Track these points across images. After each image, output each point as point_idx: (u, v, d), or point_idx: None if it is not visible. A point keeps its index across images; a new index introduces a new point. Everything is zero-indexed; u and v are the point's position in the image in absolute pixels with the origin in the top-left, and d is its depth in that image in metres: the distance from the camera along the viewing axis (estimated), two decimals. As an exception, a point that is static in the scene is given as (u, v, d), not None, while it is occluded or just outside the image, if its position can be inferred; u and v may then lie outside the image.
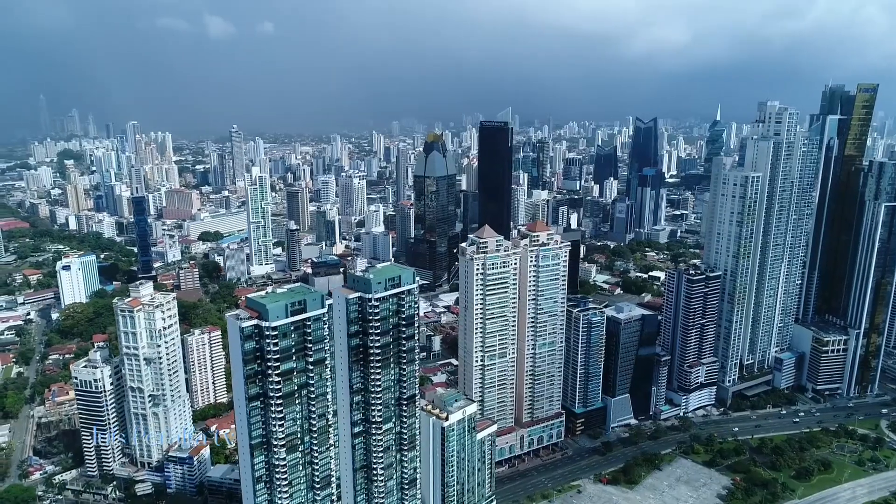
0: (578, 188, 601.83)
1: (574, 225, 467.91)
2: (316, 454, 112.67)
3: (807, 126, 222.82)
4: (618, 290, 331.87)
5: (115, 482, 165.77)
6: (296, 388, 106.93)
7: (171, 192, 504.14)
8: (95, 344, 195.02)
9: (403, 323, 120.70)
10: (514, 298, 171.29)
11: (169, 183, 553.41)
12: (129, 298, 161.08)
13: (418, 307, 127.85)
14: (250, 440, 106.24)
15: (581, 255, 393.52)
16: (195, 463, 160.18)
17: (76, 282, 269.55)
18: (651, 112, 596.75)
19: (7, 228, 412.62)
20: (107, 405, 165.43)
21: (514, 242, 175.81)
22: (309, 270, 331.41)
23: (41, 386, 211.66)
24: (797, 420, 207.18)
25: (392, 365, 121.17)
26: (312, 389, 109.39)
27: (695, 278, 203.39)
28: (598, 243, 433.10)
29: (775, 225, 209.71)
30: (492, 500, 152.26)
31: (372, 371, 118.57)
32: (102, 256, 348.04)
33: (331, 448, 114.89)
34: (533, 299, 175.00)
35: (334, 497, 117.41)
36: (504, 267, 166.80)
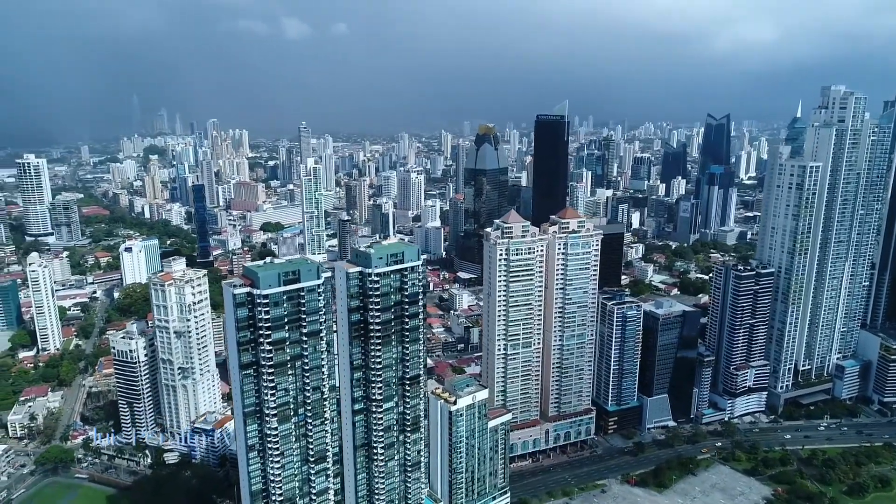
0: (646, 188, 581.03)
1: (636, 224, 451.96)
2: (310, 427, 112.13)
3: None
4: (674, 291, 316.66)
5: (146, 449, 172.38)
6: (289, 358, 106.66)
7: (239, 185, 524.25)
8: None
9: (406, 300, 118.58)
10: (539, 286, 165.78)
11: (238, 176, 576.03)
12: (162, 273, 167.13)
13: (425, 286, 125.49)
14: (243, 408, 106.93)
15: (640, 255, 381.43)
16: (219, 435, 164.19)
17: (137, 263, 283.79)
18: (734, 113, 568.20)
19: (89, 214, 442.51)
20: (141, 375, 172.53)
21: (543, 229, 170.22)
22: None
23: (94, 358, 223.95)
24: (858, 433, 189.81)
25: (394, 343, 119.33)
26: (306, 361, 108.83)
27: (744, 274, 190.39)
28: (660, 243, 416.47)
29: (837, 220, 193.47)
30: (505, 492, 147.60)
31: (372, 348, 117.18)
32: (168, 242, 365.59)
33: (326, 422, 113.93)
34: (561, 288, 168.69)
35: (329, 472, 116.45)
36: (529, 253, 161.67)
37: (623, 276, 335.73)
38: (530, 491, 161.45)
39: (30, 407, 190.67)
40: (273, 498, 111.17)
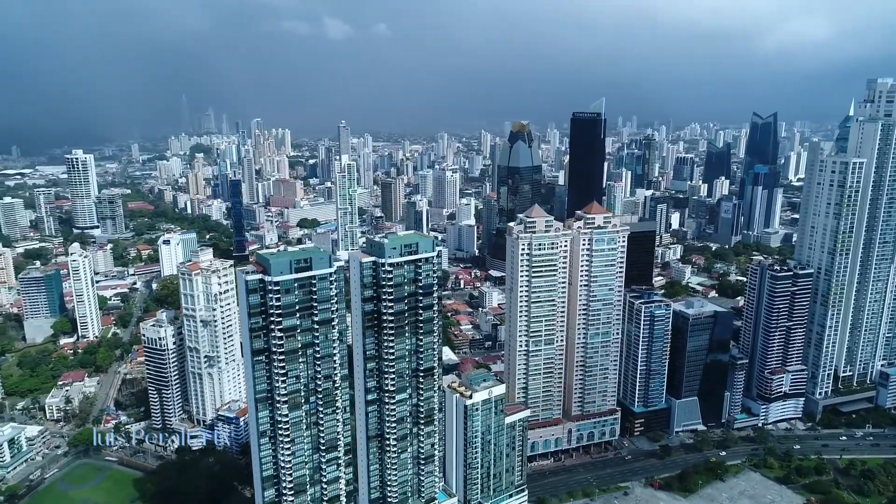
0: (688, 188, 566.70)
1: (675, 225, 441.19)
2: (322, 415, 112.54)
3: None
4: (712, 293, 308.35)
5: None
6: (300, 345, 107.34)
7: (278, 182, 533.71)
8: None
9: (421, 291, 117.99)
10: (563, 283, 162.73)
11: (278, 174, 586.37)
12: (190, 263, 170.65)
13: (440, 278, 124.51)
14: (255, 394, 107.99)
15: (678, 256, 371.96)
16: (242, 423, 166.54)
17: (175, 256, 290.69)
18: (785, 113, 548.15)
19: (134, 209, 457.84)
20: (169, 363, 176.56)
21: (568, 224, 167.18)
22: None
23: (130, 346, 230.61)
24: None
25: (407, 334, 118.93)
26: (318, 349, 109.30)
27: (780, 274, 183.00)
28: (699, 244, 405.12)
29: (883, 219, 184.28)
30: (522, 489, 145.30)
31: (385, 338, 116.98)
32: (208, 237, 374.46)
33: (338, 412, 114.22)
34: (585, 285, 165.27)
35: (341, 462, 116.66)
36: (552, 248, 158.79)
37: (659, 277, 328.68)
38: (550, 490, 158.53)
39: (67, 391, 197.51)
40: (284, 484, 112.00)
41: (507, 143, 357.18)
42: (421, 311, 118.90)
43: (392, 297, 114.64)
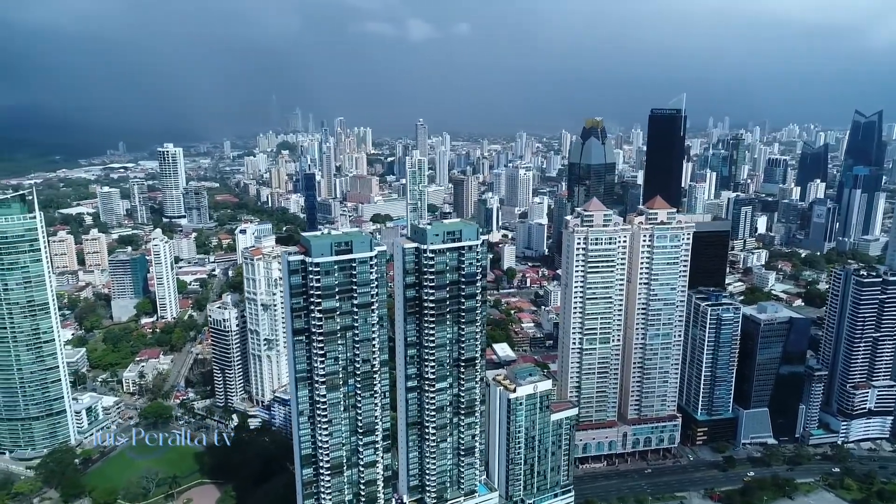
0: (778, 191, 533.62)
1: (762, 229, 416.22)
2: (360, 398, 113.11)
3: None
4: (798, 302, 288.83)
5: (233, 413, 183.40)
6: (339, 327, 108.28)
7: (355, 178, 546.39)
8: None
9: (464, 280, 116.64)
10: (621, 280, 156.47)
11: (357, 170, 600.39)
12: (252, 248, 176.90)
13: (486, 266, 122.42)
14: (296, 373, 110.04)
15: (762, 261, 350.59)
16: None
17: (250, 245, 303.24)
18: (892, 113, 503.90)
19: (220, 201, 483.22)
20: (232, 344, 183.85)
21: (629, 219, 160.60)
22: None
23: (203, 328, 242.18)
24: None
25: (449, 322, 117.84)
26: (357, 332, 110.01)
27: (867, 280, 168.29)
28: (787, 250, 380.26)
29: None
30: (569, 490, 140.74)
31: (426, 325, 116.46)
32: (284, 228, 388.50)
33: (376, 396, 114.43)
34: (645, 283, 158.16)
35: (379, 446, 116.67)
36: (610, 244, 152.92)
37: (739, 283, 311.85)
38: (600, 494, 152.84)
39: (142, 367, 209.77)
40: (321, 464, 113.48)
41: (579, 139, 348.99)
42: (463, 300, 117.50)
43: (433, 284, 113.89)
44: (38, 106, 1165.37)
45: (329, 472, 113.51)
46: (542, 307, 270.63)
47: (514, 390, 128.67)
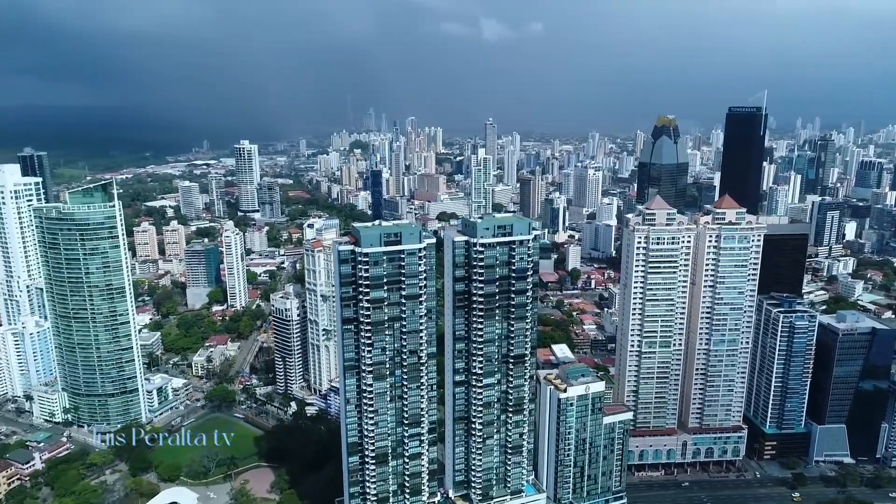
0: (871, 196, 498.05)
1: (850, 235, 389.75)
2: (406, 389, 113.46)
3: None
4: (888, 314, 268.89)
5: (292, 401, 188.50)
6: (386, 318, 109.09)
7: (423, 177, 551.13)
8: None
9: (514, 275, 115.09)
10: (684, 282, 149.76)
11: (425, 169, 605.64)
12: (314, 240, 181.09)
13: (537, 262, 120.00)
14: (344, 362, 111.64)
15: (849, 270, 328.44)
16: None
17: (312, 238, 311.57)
18: None
19: (292, 197, 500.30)
20: (293, 333, 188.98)
21: (694, 219, 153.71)
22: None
23: (269, 317, 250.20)
24: None
25: (498, 317, 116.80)
26: (404, 323, 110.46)
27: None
28: (879, 259, 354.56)
29: None
30: (620, 496, 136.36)
31: (474, 320, 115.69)
32: (351, 224, 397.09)
33: (423, 388, 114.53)
34: (710, 286, 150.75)
35: (424, 439, 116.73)
36: (673, 243, 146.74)
37: (822, 291, 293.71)
38: (655, 502, 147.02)
39: (211, 352, 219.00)
40: (367, 453, 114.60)
41: (650, 138, 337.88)
42: (513, 296, 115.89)
43: (482, 278, 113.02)
44: (132, 106, 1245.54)
45: (374, 461, 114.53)
46: (606, 309, 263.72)
47: (565, 390, 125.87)
